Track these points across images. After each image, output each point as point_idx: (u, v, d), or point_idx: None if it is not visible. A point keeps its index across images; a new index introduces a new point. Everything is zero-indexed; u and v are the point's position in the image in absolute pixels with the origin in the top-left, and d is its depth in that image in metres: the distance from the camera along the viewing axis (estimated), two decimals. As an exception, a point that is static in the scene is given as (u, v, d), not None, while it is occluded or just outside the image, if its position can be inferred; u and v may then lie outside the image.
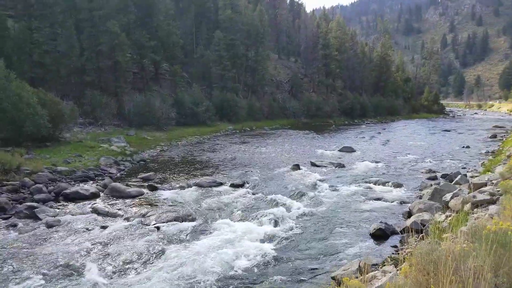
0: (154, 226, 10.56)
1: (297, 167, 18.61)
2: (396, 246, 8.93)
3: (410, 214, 10.91)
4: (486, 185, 10.09)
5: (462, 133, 37.83)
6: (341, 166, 19.48)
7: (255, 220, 11.05)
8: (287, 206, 12.31)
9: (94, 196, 13.62)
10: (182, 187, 14.97)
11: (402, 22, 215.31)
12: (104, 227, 10.52)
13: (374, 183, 15.58)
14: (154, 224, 10.75)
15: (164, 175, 17.31)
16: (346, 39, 66.65)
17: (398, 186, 15.06)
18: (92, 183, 15.46)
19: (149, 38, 36.14)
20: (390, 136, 35.42)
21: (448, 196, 10.31)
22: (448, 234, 5.98)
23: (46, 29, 28.32)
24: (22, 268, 8.04)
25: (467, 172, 16.43)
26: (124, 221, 11.13)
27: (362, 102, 57.97)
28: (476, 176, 13.91)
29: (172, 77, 40.17)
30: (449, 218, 8.48)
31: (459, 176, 14.06)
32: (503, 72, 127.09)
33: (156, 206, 12.56)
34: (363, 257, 7.88)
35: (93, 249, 9.04)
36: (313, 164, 19.84)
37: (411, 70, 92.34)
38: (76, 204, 12.83)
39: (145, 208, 12.29)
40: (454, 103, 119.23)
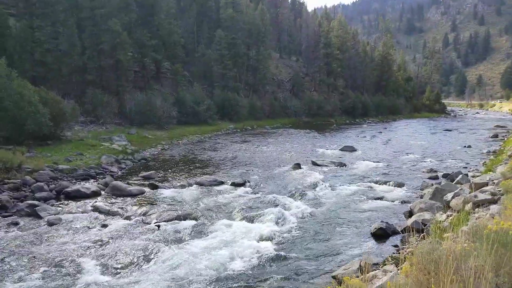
0: (155, 225, 10.58)
1: (298, 166, 18.62)
2: (397, 246, 8.93)
3: (411, 214, 10.90)
4: (488, 184, 10.08)
5: (463, 132, 37.75)
6: (342, 165, 19.48)
7: (256, 219, 11.05)
8: (288, 205, 12.31)
9: (95, 194, 13.64)
10: (183, 186, 14.98)
11: (404, 21, 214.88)
12: (105, 226, 10.55)
13: (375, 183, 15.58)
14: (155, 222, 10.77)
15: (165, 174, 17.32)
16: (348, 38, 66.53)
17: (399, 185, 15.05)
18: (93, 182, 15.49)
19: (150, 37, 36.14)
20: (391, 135, 35.38)
21: (449, 195, 10.29)
22: (449, 234, 5.97)
23: (48, 27, 28.33)
24: (23, 266, 8.06)
25: (469, 171, 16.41)
26: (125, 219, 11.16)
27: (363, 101, 57.85)
28: (477, 175, 13.89)
29: (173, 76, 40.17)
30: (450, 218, 8.46)
31: (460, 175, 14.04)
32: (505, 71, 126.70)
33: (157, 205, 12.57)
34: (364, 256, 7.87)
35: (93, 247, 9.05)
36: (314, 163, 19.83)
37: (413, 70, 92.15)
38: (77, 202, 12.86)
39: (146, 206, 12.30)
40: (455, 103, 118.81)
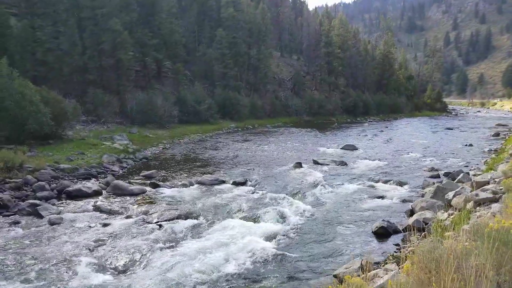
0: (157, 224, 10.59)
1: (299, 165, 18.61)
2: (398, 244, 8.92)
3: (412, 212, 10.88)
4: (489, 183, 10.06)
5: (464, 131, 37.69)
6: (343, 164, 19.47)
7: (257, 218, 11.06)
8: (289, 204, 12.31)
9: (96, 193, 13.65)
10: (184, 185, 14.99)
11: (405, 19, 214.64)
12: (106, 225, 10.55)
13: (376, 181, 15.57)
14: (156, 222, 10.78)
15: (166, 173, 17.34)
16: (349, 37, 66.46)
17: (401, 184, 15.03)
18: (94, 181, 15.50)
19: (151, 36, 36.17)
20: (392, 134, 35.35)
21: (450, 194, 10.27)
22: (450, 233, 5.96)
23: (49, 27, 28.38)
24: (25, 265, 8.08)
25: (470, 170, 16.39)
26: (126, 219, 11.16)
27: (364, 100, 57.81)
28: (478, 174, 13.88)
29: (174, 75, 40.19)
30: (451, 217, 8.45)
31: (462, 174, 14.00)
32: (506, 70, 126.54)
33: (158, 204, 12.58)
34: (365, 255, 7.87)
35: (95, 247, 9.06)
36: (315, 162, 19.82)
37: (414, 68, 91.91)
38: (78, 201, 12.87)
39: (147, 206, 12.32)
40: (457, 101, 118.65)
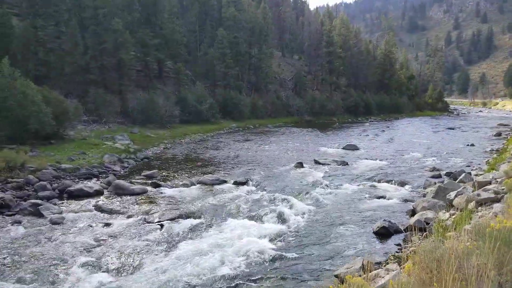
0: (158, 224, 10.61)
1: (300, 165, 18.61)
2: (399, 244, 8.91)
3: (413, 212, 10.88)
4: (491, 183, 10.03)
5: (466, 131, 37.64)
6: (344, 164, 19.46)
7: (258, 218, 11.06)
8: (290, 204, 12.30)
9: (98, 193, 13.66)
10: (185, 185, 15.00)
11: (406, 19, 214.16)
12: (107, 225, 10.57)
13: (378, 181, 15.56)
14: (157, 221, 10.79)
15: (167, 173, 17.35)
16: (350, 37, 66.42)
17: (402, 184, 15.02)
18: (96, 181, 15.52)
19: (153, 36, 36.20)
20: (394, 134, 35.31)
21: (452, 194, 10.25)
22: (452, 232, 5.95)
23: (51, 27, 28.43)
24: (26, 264, 8.10)
25: (472, 170, 16.37)
26: (127, 218, 11.17)
27: (365, 100, 57.77)
28: (480, 174, 13.85)
29: (175, 75, 40.20)
30: (453, 216, 8.44)
31: (463, 174, 13.99)
32: (508, 69, 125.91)
33: (159, 204, 12.60)
34: (367, 255, 7.87)
35: (96, 247, 9.08)
36: (316, 162, 19.81)
37: (415, 68, 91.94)
38: (80, 201, 12.89)
39: (148, 205, 12.34)
40: (458, 101, 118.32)
